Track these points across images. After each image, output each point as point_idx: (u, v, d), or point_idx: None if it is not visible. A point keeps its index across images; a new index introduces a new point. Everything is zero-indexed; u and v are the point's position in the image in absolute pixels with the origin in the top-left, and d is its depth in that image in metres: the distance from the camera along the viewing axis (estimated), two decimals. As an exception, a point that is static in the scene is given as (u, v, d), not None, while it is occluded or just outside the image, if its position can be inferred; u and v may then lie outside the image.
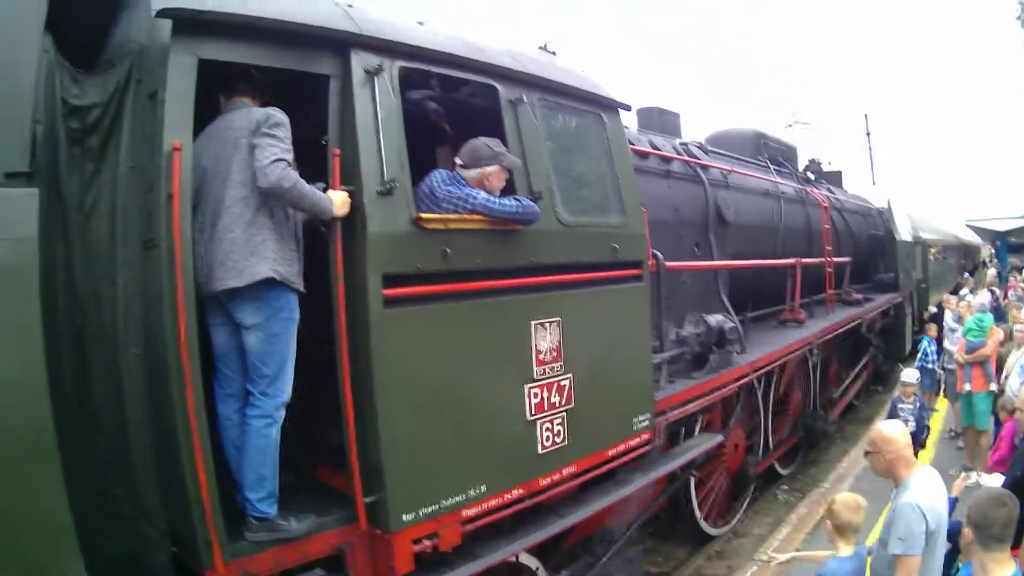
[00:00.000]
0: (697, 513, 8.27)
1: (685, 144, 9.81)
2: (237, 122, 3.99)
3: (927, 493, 4.31)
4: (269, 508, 4.00)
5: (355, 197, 4.10)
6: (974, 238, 39.46)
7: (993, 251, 39.96)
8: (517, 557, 5.15)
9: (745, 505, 9.70)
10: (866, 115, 30.69)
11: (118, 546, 3.77)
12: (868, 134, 30.47)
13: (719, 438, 7.56)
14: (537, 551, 5.40)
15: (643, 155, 8.26)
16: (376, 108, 4.23)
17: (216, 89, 4.08)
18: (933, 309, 17.53)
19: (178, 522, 3.80)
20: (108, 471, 3.80)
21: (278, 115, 3.97)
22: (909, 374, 10.02)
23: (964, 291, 18.97)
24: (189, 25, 3.67)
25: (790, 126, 25.17)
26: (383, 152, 4.21)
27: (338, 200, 4.02)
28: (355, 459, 4.12)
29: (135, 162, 3.84)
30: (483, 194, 4.64)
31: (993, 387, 10.60)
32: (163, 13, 3.59)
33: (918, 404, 9.70)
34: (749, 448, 9.60)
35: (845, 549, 4.71)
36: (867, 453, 4.68)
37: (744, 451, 9.38)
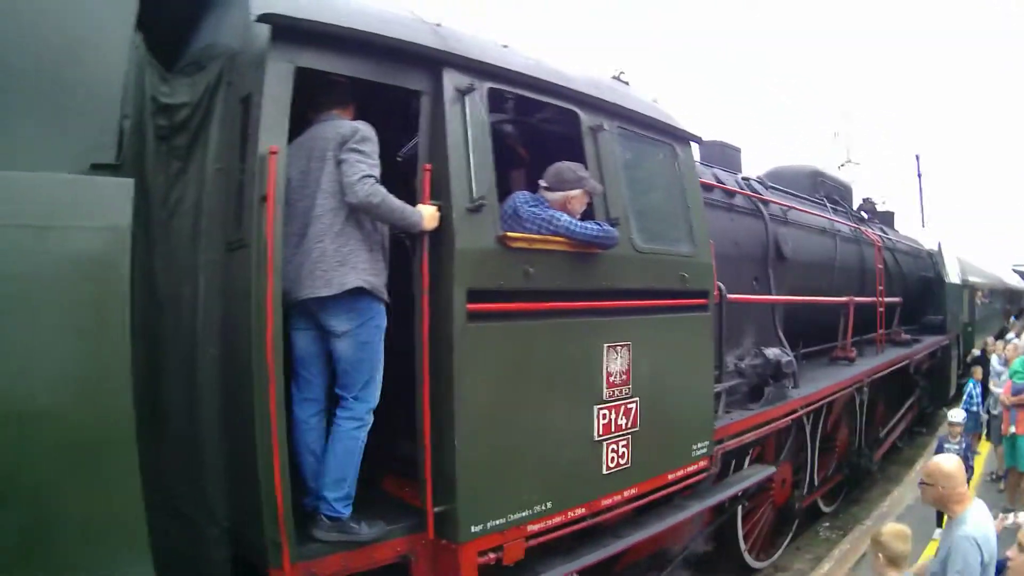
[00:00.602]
0: (742, 544, 8.24)
1: (747, 179, 9.85)
2: (327, 133, 4.06)
3: (982, 526, 4.41)
4: (344, 509, 4.04)
5: (444, 212, 4.17)
6: (1020, 282, 38.91)
7: None
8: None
9: (788, 540, 9.62)
10: (917, 156, 30.36)
11: (174, 544, 3.75)
12: (919, 176, 30.15)
13: (772, 469, 7.61)
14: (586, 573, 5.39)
15: (708, 188, 8.24)
16: (467, 127, 4.31)
17: (306, 101, 4.13)
18: (976, 352, 17.29)
19: (245, 521, 3.85)
20: (173, 470, 3.82)
21: (366, 129, 4.04)
22: (956, 414, 10.03)
23: (1010, 335, 18.70)
24: (288, 32, 3.74)
25: (842, 165, 25.03)
26: (472, 170, 4.29)
27: (427, 214, 4.07)
28: (428, 469, 4.17)
29: (222, 164, 3.94)
30: (566, 216, 4.72)
31: None
32: (264, 18, 3.66)
33: (964, 444, 9.68)
34: (795, 483, 9.52)
35: None
36: (922, 484, 4.74)
37: (791, 486, 9.33)
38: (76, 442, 3.10)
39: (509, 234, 4.42)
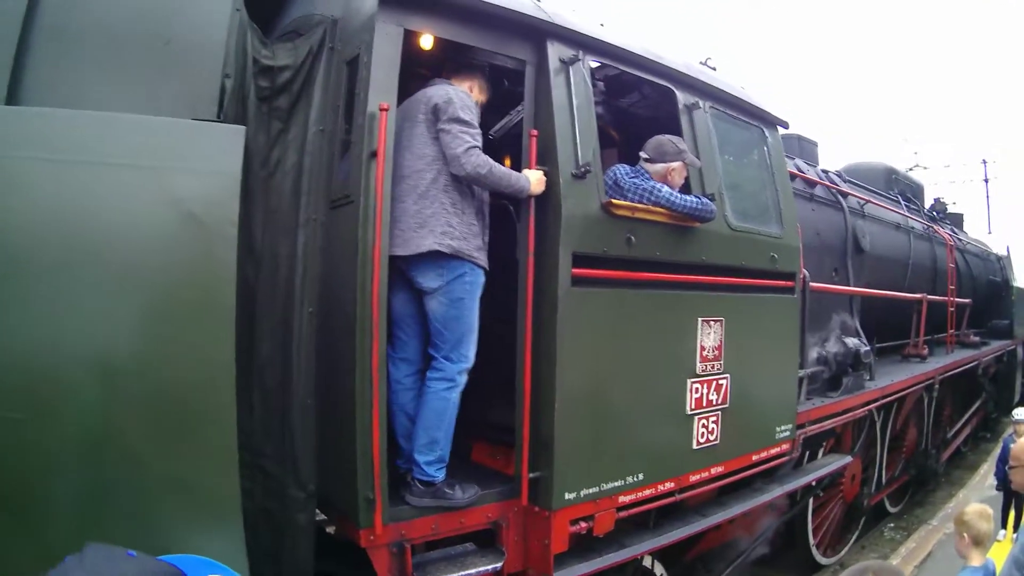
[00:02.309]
0: (811, 539, 8.16)
1: (826, 172, 9.81)
2: (424, 96, 4.12)
3: None
4: (438, 473, 4.05)
5: (550, 177, 4.21)
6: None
7: None
8: (644, 558, 5.17)
9: (855, 537, 9.53)
10: (984, 161, 29.79)
11: (258, 504, 3.79)
12: (986, 181, 29.59)
13: (848, 459, 7.56)
14: (661, 555, 5.41)
15: (791, 177, 8.18)
16: (572, 96, 4.37)
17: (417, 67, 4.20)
18: None
19: (338, 482, 3.88)
20: (261, 430, 3.84)
21: (464, 96, 4.10)
22: (1020, 412, 9.80)
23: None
24: None
25: (911, 169, 24.68)
26: (578, 137, 4.33)
27: (534, 179, 4.12)
28: (526, 433, 4.19)
29: (324, 125, 4.00)
30: (667, 188, 4.75)
31: None
32: None
33: None
34: (864, 480, 9.44)
35: (977, 558, 4.63)
36: (1011, 468, 4.68)
37: (859, 482, 9.24)
38: (178, 392, 3.20)
39: (615, 201, 4.45)
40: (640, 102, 5.71)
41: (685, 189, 4.98)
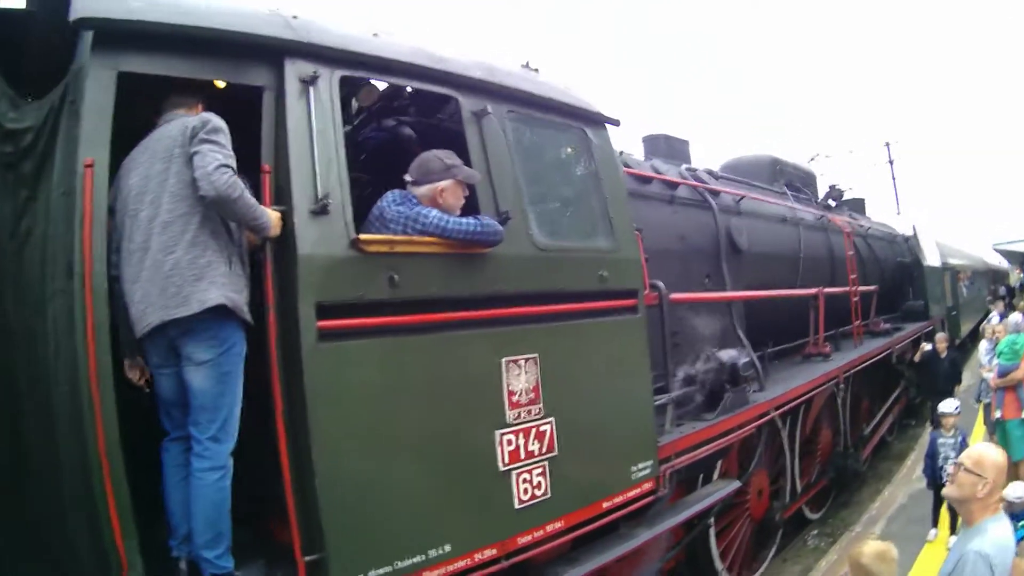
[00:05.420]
0: (718, 564, 7.58)
1: (693, 169, 9.35)
2: (172, 131, 3.70)
3: (999, 545, 3.62)
4: (227, 563, 3.68)
5: (287, 217, 3.73)
6: (1002, 262, 38.66)
7: (1022, 274, 38.93)
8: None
9: (772, 554, 9.03)
10: (888, 144, 30.26)
11: None
12: (891, 162, 30.01)
13: (735, 484, 6.97)
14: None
15: (645, 180, 7.83)
16: (311, 120, 3.91)
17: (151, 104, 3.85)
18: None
19: None
20: (44, 519, 3.61)
21: (217, 120, 3.67)
22: (948, 404, 9.04)
23: (993, 315, 18.13)
24: (110, 36, 3.47)
25: (813, 159, 24.85)
26: (316, 167, 3.85)
27: (273, 219, 3.67)
28: (293, 514, 3.71)
29: (66, 186, 3.56)
30: (436, 212, 4.20)
31: None
32: (81, 23, 3.38)
33: (960, 439, 8.68)
34: (775, 493, 8.98)
35: None
36: (966, 470, 3.93)
37: (769, 497, 8.75)
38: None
39: (363, 236, 3.90)
40: (445, 117, 5.24)
41: (474, 210, 4.43)
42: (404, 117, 5.29)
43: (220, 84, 3.97)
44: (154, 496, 3.73)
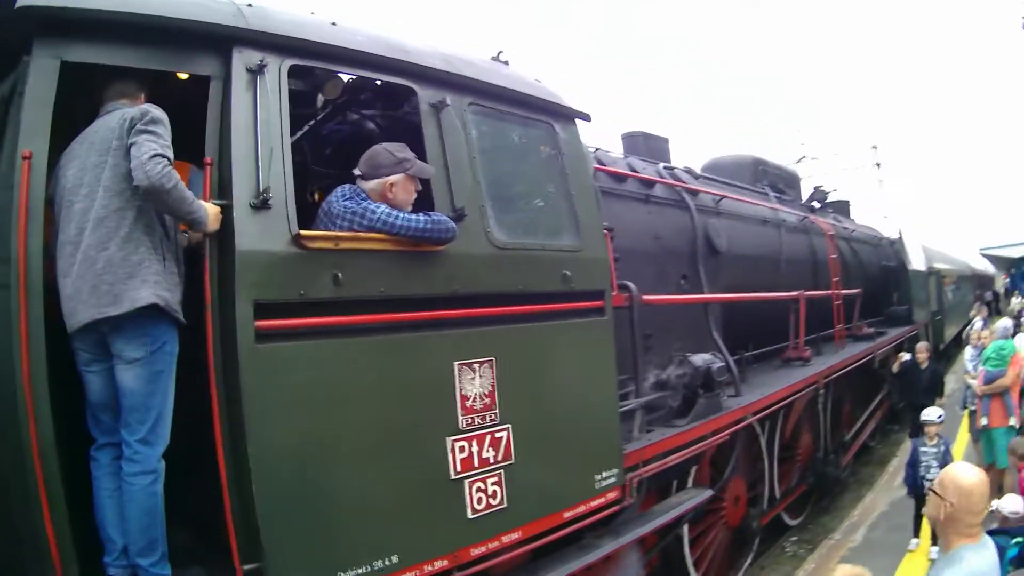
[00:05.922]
0: (692, 573, 7.40)
1: (671, 168, 9.19)
2: (111, 122, 3.59)
3: (977, 574, 3.36)
4: (164, 570, 3.59)
5: (226, 212, 3.59)
6: (988, 267, 38.74)
7: (1008, 280, 39.01)
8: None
9: (749, 562, 8.85)
10: (874, 147, 30.19)
11: None
12: (878, 165, 29.88)
13: (707, 493, 6.77)
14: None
15: (620, 178, 7.67)
16: (256, 111, 3.75)
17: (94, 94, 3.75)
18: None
19: None
20: None
21: (156, 111, 3.56)
22: (931, 412, 8.81)
23: (976, 321, 18.00)
24: (53, 25, 3.38)
25: (799, 161, 24.77)
26: (259, 160, 3.69)
27: (212, 213, 3.54)
28: (230, 521, 3.56)
29: (6, 180, 3.48)
30: (384, 208, 4.02)
31: (1013, 422, 9.71)
32: (24, 11, 3.27)
33: (943, 447, 8.51)
34: (752, 500, 8.82)
35: None
36: (931, 490, 3.66)
37: (746, 504, 8.59)
38: None
39: (304, 232, 3.72)
40: (410, 110, 4.99)
41: (428, 205, 4.24)
42: (368, 111, 5.13)
43: (182, 76, 3.89)
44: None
